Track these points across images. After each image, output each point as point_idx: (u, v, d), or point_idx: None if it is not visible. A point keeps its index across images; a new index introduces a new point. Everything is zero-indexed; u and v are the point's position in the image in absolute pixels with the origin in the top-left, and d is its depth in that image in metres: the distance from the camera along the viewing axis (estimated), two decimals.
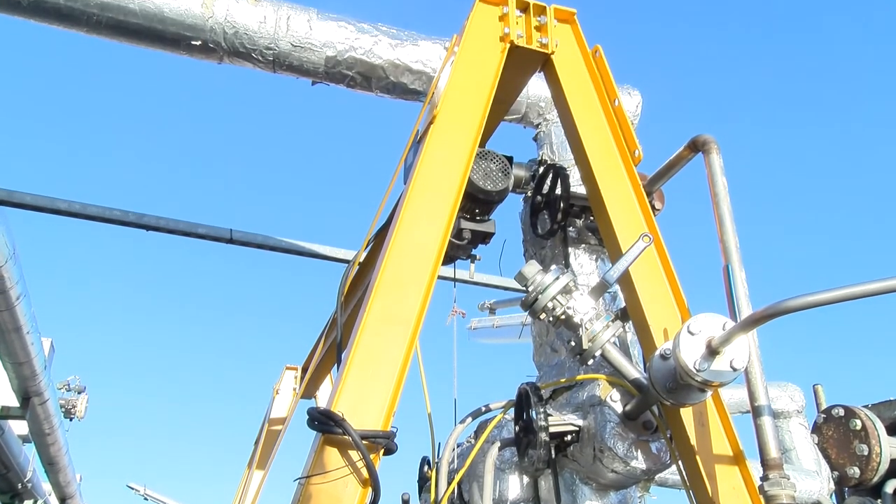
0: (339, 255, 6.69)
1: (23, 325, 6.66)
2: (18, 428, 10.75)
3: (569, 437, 3.10)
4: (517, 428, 3.15)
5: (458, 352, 3.91)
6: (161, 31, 3.98)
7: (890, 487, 4.85)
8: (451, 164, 3.05)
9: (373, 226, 3.59)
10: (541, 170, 4.00)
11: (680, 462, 2.80)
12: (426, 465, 3.73)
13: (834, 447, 4.99)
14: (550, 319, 2.83)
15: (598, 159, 3.30)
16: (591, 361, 2.80)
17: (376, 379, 2.51)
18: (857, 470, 4.82)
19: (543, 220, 3.93)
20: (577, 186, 3.68)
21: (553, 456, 3.14)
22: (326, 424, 2.37)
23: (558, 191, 3.76)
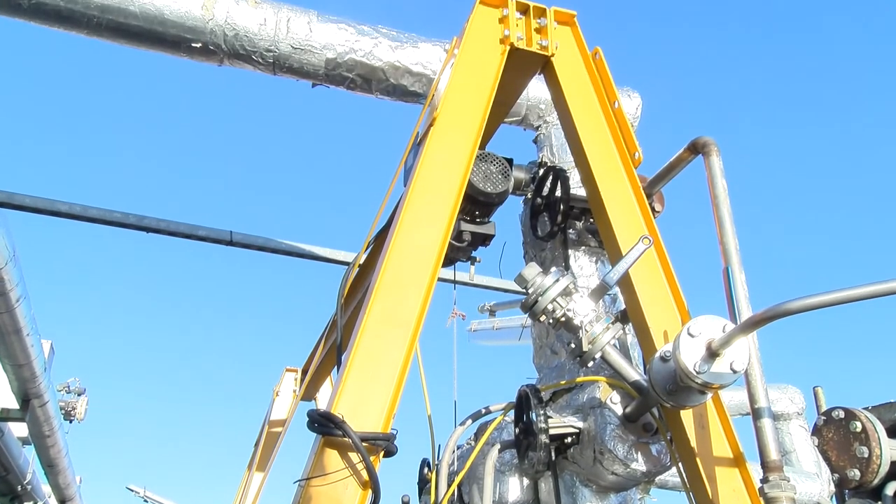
0: (340, 257, 6.69)
1: (23, 327, 6.65)
2: (18, 430, 10.74)
3: (569, 440, 3.09)
4: (517, 430, 3.15)
5: (458, 354, 3.91)
6: (161, 34, 3.98)
7: (890, 490, 4.84)
8: (451, 166, 3.05)
9: (373, 228, 3.59)
10: (541, 172, 4.01)
11: (680, 464, 2.80)
12: (426, 467, 3.73)
13: (834, 449, 4.98)
14: (550, 321, 2.83)
15: (598, 161, 3.30)
16: (591, 363, 2.80)
17: (376, 381, 2.51)
18: (857, 472, 4.81)
19: (543, 223, 3.93)
20: (577, 188, 3.68)
21: (553, 458, 3.13)
22: (326, 426, 2.37)
23: (558, 193, 3.76)
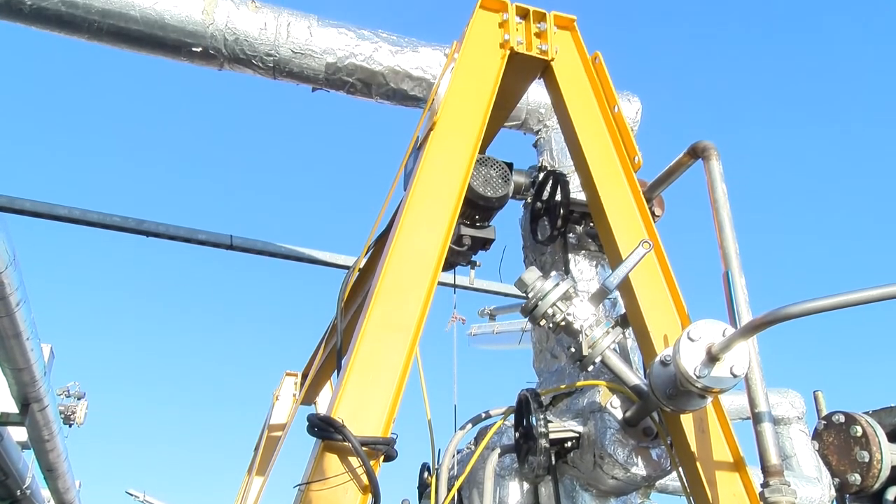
0: (340, 261, 6.69)
1: (22, 331, 6.63)
2: (17, 434, 10.71)
3: (569, 444, 3.09)
4: (517, 434, 3.14)
5: (458, 358, 3.91)
6: (162, 38, 3.99)
7: (891, 494, 4.83)
8: (451, 170, 3.05)
9: (373, 232, 3.59)
10: (541, 176, 4.01)
11: (680, 468, 2.80)
12: (426, 471, 3.72)
13: (835, 454, 4.97)
14: (550, 326, 2.83)
15: (598, 166, 3.30)
16: (591, 368, 2.80)
17: (376, 385, 2.51)
18: (857, 477, 4.80)
19: (543, 227, 3.93)
20: (577, 193, 3.68)
21: (553, 462, 3.13)
22: (326, 431, 2.37)
23: (558, 197, 3.76)
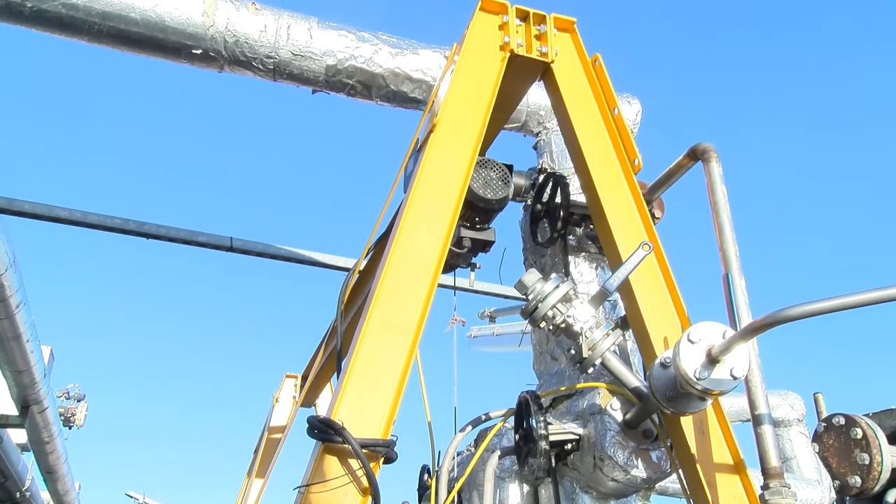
0: (340, 263, 6.70)
1: (22, 333, 6.63)
2: (17, 436, 10.71)
3: (569, 446, 3.09)
4: (517, 436, 3.14)
5: (458, 360, 3.91)
6: (162, 40, 3.99)
7: (891, 497, 4.83)
8: (451, 172, 3.05)
9: (373, 234, 3.59)
10: (541, 178, 4.01)
11: (680, 471, 2.79)
12: (426, 473, 3.72)
13: (835, 456, 4.96)
14: (550, 328, 2.83)
15: (598, 168, 3.30)
16: (591, 370, 2.80)
17: (376, 387, 2.50)
18: (858, 479, 4.80)
19: (543, 229, 3.93)
20: (577, 195, 3.68)
21: (553, 464, 3.13)
22: (326, 433, 2.37)
23: (558, 199, 3.76)
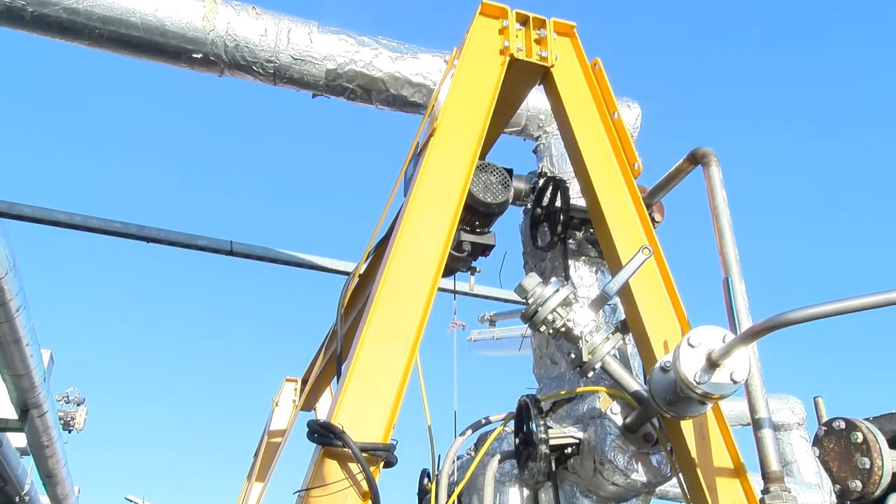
0: (340, 267, 6.69)
1: (22, 336, 6.64)
2: (17, 440, 10.71)
3: (569, 450, 3.09)
4: (517, 440, 3.14)
5: (458, 364, 3.90)
6: (162, 45, 4.00)
7: (892, 501, 4.81)
8: (451, 176, 3.05)
9: (373, 238, 3.59)
10: (541, 182, 4.02)
11: (680, 475, 2.79)
12: (426, 477, 3.72)
13: (835, 460, 4.95)
14: (550, 332, 2.83)
15: (598, 172, 3.30)
16: (591, 374, 2.79)
17: (376, 391, 2.50)
18: (858, 483, 4.78)
19: (543, 233, 3.93)
20: (577, 199, 3.68)
21: (553, 468, 3.12)
22: (326, 437, 2.37)
23: (558, 203, 3.77)
